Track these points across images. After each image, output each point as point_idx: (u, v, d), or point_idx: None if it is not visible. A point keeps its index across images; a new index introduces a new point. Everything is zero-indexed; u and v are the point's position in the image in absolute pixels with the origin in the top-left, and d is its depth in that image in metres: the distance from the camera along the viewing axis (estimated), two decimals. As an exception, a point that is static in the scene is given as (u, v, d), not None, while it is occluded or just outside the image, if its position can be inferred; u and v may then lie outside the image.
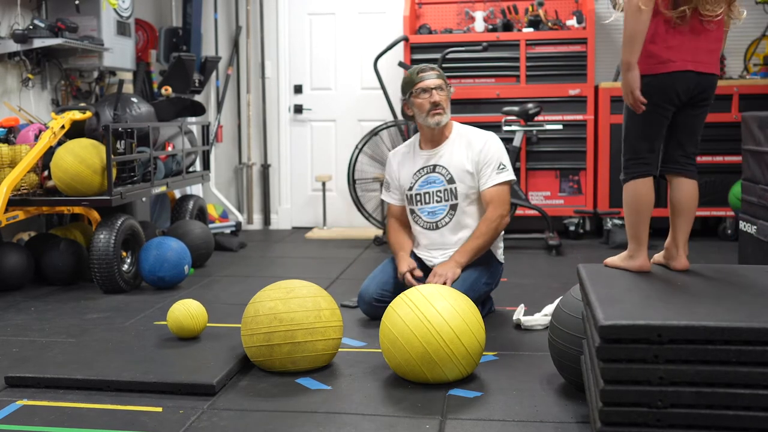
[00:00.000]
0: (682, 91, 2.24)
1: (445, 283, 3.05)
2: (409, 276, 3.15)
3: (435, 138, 3.30)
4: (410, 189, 3.32)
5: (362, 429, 2.10)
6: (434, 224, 3.27)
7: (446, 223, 3.26)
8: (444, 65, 5.13)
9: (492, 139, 3.26)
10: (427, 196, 3.28)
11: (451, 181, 3.24)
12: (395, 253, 3.30)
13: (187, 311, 2.80)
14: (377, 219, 5.54)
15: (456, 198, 3.23)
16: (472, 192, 3.24)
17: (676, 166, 2.34)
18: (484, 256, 3.23)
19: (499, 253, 3.33)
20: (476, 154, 3.22)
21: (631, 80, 2.20)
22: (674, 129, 2.32)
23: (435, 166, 3.28)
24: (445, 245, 3.26)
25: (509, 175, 3.23)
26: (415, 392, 2.36)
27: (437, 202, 3.26)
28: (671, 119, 2.30)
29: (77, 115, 4.05)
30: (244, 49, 6.18)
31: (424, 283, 3.11)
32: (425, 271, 3.29)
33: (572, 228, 5.39)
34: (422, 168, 3.30)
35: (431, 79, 3.23)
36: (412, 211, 3.33)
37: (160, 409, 2.25)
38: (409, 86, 3.26)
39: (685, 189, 2.34)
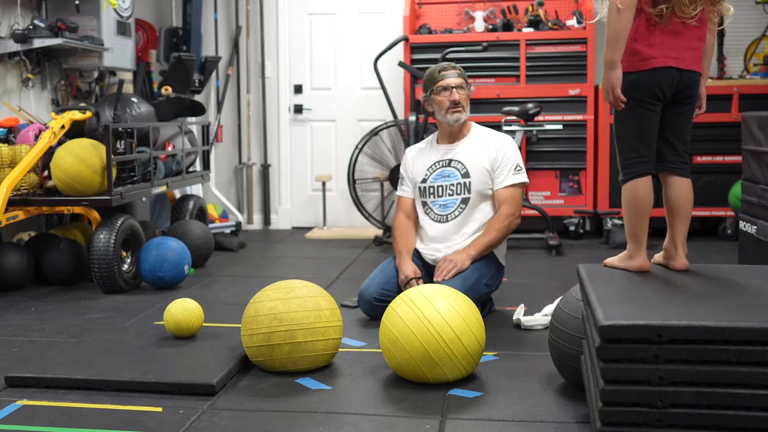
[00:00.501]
0: (666, 87, 2.26)
1: (453, 270, 3.10)
2: (414, 283, 3.16)
3: (453, 134, 3.35)
4: (424, 181, 3.34)
5: (362, 429, 2.10)
6: (444, 217, 3.29)
7: (455, 217, 3.28)
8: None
9: (509, 141, 3.32)
10: (440, 189, 3.31)
11: (466, 175, 3.27)
12: (398, 254, 3.30)
13: (183, 308, 2.80)
14: (377, 219, 5.54)
15: (469, 192, 3.26)
16: (486, 189, 3.27)
17: (669, 165, 2.35)
18: (487, 258, 3.24)
19: (501, 256, 3.34)
20: (494, 153, 3.27)
21: (613, 78, 2.23)
22: (662, 127, 2.33)
23: (451, 160, 3.32)
24: (451, 239, 3.28)
25: (524, 177, 3.28)
26: (415, 392, 2.36)
27: (450, 195, 3.29)
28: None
29: (77, 115, 4.05)
30: (244, 49, 6.18)
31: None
32: (425, 268, 3.31)
33: (572, 228, 5.39)
34: (438, 161, 3.34)
35: (452, 77, 3.29)
36: (425, 203, 3.36)
37: (160, 409, 2.25)
38: (430, 83, 3.32)
39: (679, 187, 2.34)
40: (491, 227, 3.23)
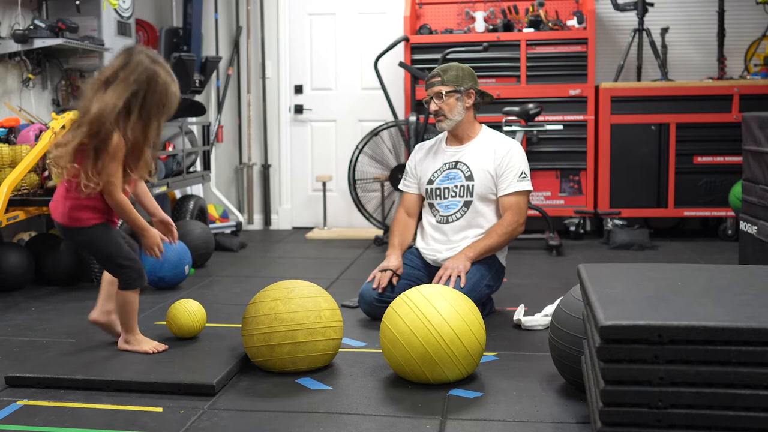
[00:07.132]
0: None
1: (459, 276, 3.08)
2: (389, 275, 3.17)
3: (459, 137, 3.34)
4: (430, 183, 3.34)
5: (362, 429, 2.10)
6: (446, 218, 3.29)
7: (457, 219, 3.27)
8: (444, 65, 5.13)
9: (516, 147, 3.29)
10: (446, 191, 3.30)
11: (469, 178, 3.26)
12: (391, 246, 3.33)
13: (185, 310, 2.80)
14: (377, 219, 5.54)
15: (471, 195, 3.25)
16: (489, 193, 3.25)
17: None
18: (489, 259, 3.24)
19: (503, 257, 3.33)
20: (499, 159, 3.25)
21: None
22: None
23: (457, 162, 3.31)
24: (452, 241, 3.27)
25: (529, 185, 3.26)
26: (416, 392, 2.36)
27: (453, 197, 3.28)
28: None
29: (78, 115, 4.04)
30: (245, 49, 6.18)
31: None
32: (426, 268, 3.31)
33: (573, 228, 5.39)
34: (445, 164, 3.33)
35: (432, 86, 3.28)
36: (431, 205, 3.35)
37: (160, 409, 2.25)
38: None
39: None
40: (493, 231, 3.21)
